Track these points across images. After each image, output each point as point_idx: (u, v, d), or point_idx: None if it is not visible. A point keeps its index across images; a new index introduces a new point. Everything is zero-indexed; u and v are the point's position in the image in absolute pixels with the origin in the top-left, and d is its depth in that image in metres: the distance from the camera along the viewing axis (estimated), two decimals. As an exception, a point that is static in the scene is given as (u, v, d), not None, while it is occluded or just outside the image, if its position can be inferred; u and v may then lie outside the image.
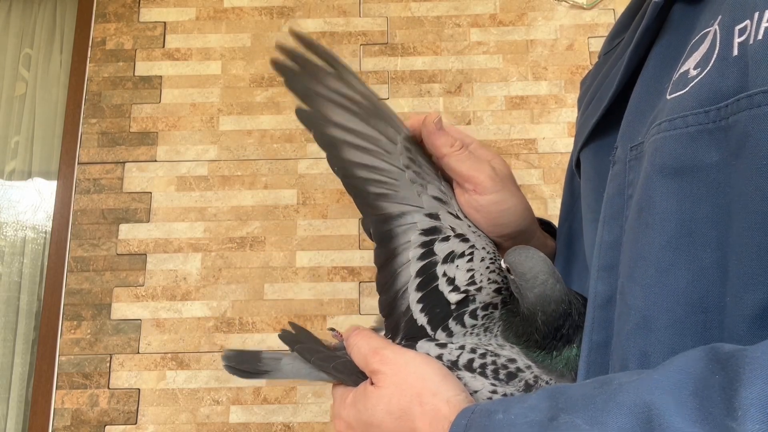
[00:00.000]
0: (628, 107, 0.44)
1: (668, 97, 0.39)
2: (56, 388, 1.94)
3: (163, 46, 2.22)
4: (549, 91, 2.15)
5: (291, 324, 0.57)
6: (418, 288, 0.47)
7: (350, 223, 2.05)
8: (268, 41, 2.23)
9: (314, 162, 2.10)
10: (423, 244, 0.47)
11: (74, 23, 2.29)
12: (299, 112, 0.50)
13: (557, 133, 2.12)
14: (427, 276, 0.47)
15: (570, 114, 2.13)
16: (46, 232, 2.18)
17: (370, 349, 0.47)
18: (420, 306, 0.47)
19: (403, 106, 2.15)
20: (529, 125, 2.13)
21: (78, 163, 2.12)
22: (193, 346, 1.96)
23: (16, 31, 2.35)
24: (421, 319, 0.47)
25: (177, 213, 2.08)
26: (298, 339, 0.52)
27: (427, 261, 0.47)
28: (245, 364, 0.56)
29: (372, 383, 0.46)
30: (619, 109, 0.46)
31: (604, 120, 0.48)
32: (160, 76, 2.19)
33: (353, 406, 0.46)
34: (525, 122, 2.13)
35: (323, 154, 0.49)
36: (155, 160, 2.12)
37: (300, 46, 0.52)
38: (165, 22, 2.24)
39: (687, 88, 0.37)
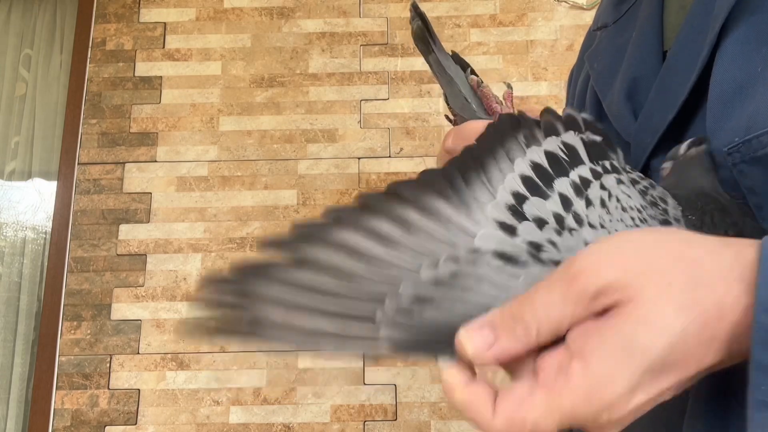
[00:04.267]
0: (710, 102, 0.38)
1: None
2: (56, 389, 1.94)
3: (163, 47, 2.22)
4: (549, 92, 2.15)
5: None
6: None
7: (350, 224, 2.05)
8: (268, 42, 2.23)
9: (314, 162, 2.10)
10: None
11: (74, 24, 2.29)
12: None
13: (557, 134, 2.12)
14: None
15: (570, 114, 2.13)
16: (46, 233, 2.18)
17: (561, 277, 0.29)
18: None
19: (403, 106, 2.15)
20: (529, 126, 2.13)
21: (78, 164, 2.12)
22: (193, 346, 1.96)
23: (17, 31, 2.35)
24: None
25: (177, 213, 2.08)
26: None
27: None
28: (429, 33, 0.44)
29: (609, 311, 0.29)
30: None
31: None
32: (160, 77, 2.19)
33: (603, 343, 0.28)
34: (525, 123, 2.13)
35: (323, 155, 0.48)
36: (155, 161, 2.12)
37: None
38: (165, 23, 2.24)
39: None
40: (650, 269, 0.28)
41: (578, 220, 0.33)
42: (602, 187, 0.34)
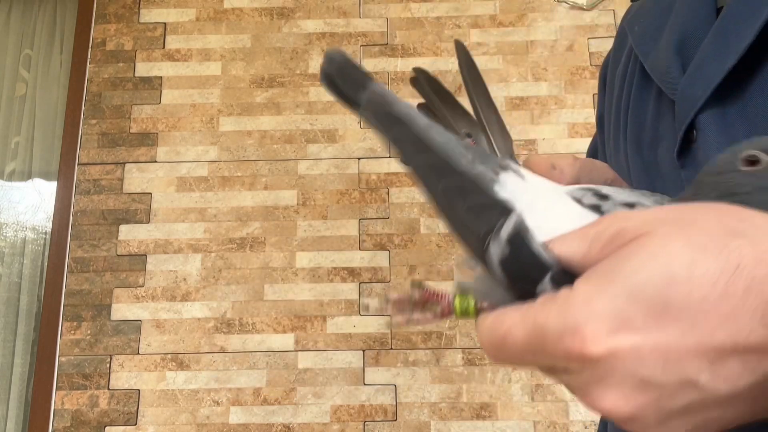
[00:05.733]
0: None
1: None
2: (56, 389, 1.94)
3: (164, 47, 2.22)
4: (549, 92, 2.15)
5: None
6: None
7: (350, 224, 2.05)
8: (268, 42, 2.23)
9: (314, 163, 2.10)
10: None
11: (74, 24, 2.29)
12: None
13: (557, 134, 2.12)
14: None
15: (570, 114, 2.13)
16: (46, 233, 2.18)
17: (588, 224, 0.28)
18: None
19: (403, 106, 2.15)
20: (529, 126, 2.13)
21: (78, 164, 2.12)
22: (193, 346, 1.96)
23: (17, 31, 2.35)
24: None
25: (177, 214, 2.08)
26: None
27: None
28: (349, 80, 0.37)
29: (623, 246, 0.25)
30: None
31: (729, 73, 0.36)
32: (160, 77, 2.19)
33: (612, 278, 0.24)
34: (525, 123, 2.13)
35: (323, 155, 0.46)
36: (155, 161, 2.12)
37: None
38: (165, 23, 2.24)
39: None
40: (680, 217, 0.24)
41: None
42: None
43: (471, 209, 0.29)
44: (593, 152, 0.62)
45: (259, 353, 1.96)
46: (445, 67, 2.18)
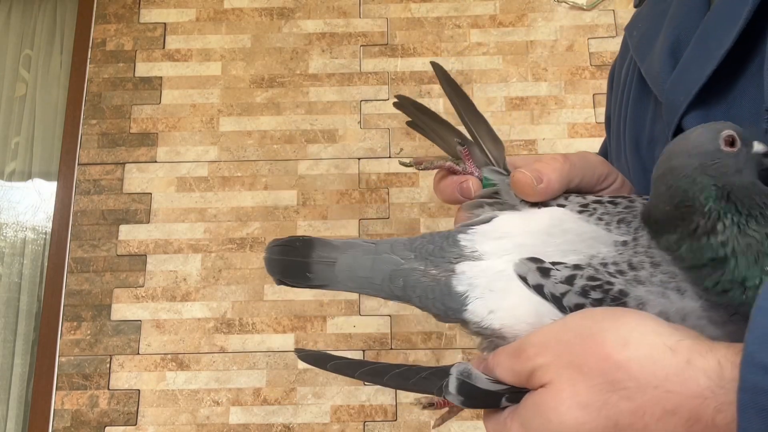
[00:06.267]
0: None
1: None
2: (56, 389, 1.94)
3: (164, 47, 2.22)
4: (549, 92, 2.15)
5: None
6: None
7: (350, 224, 2.05)
8: (268, 42, 2.23)
9: (314, 163, 2.10)
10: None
11: (74, 24, 2.29)
12: None
13: (557, 134, 2.12)
14: None
15: (570, 114, 2.13)
16: (46, 233, 2.18)
17: (513, 352, 0.34)
18: None
19: (403, 107, 2.15)
20: (529, 126, 2.13)
21: (78, 164, 2.12)
22: (193, 347, 1.96)
23: (17, 32, 2.35)
24: None
25: (177, 214, 2.08)
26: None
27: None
28: (294, 271, 0.40)
29: (539, 388, 0.32)
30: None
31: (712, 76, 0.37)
32: (161, 77, 2.19)
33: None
34: (525, 123, 2.13)
35: (323, 155, 0.46)
36: (155, 161, 2.12)
37: None
38: (165, 23, 2.24)
39: None
40: (574, 362, 0.30)
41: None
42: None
43: (416, 384, 0.37)
44: (603, 154, 0.63)
45: (259, 353, 1.96)
46: (444, 67, 2.18)
